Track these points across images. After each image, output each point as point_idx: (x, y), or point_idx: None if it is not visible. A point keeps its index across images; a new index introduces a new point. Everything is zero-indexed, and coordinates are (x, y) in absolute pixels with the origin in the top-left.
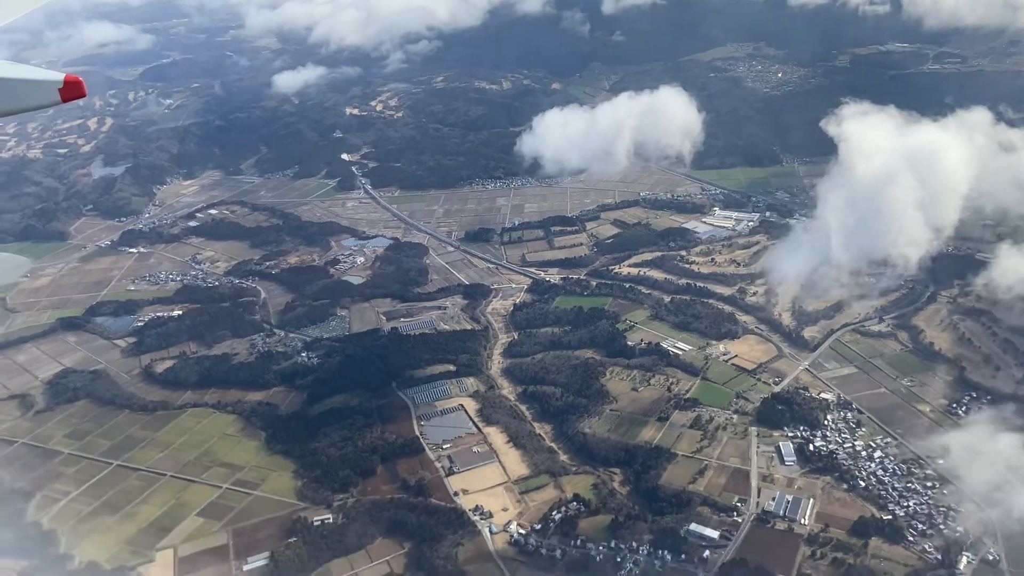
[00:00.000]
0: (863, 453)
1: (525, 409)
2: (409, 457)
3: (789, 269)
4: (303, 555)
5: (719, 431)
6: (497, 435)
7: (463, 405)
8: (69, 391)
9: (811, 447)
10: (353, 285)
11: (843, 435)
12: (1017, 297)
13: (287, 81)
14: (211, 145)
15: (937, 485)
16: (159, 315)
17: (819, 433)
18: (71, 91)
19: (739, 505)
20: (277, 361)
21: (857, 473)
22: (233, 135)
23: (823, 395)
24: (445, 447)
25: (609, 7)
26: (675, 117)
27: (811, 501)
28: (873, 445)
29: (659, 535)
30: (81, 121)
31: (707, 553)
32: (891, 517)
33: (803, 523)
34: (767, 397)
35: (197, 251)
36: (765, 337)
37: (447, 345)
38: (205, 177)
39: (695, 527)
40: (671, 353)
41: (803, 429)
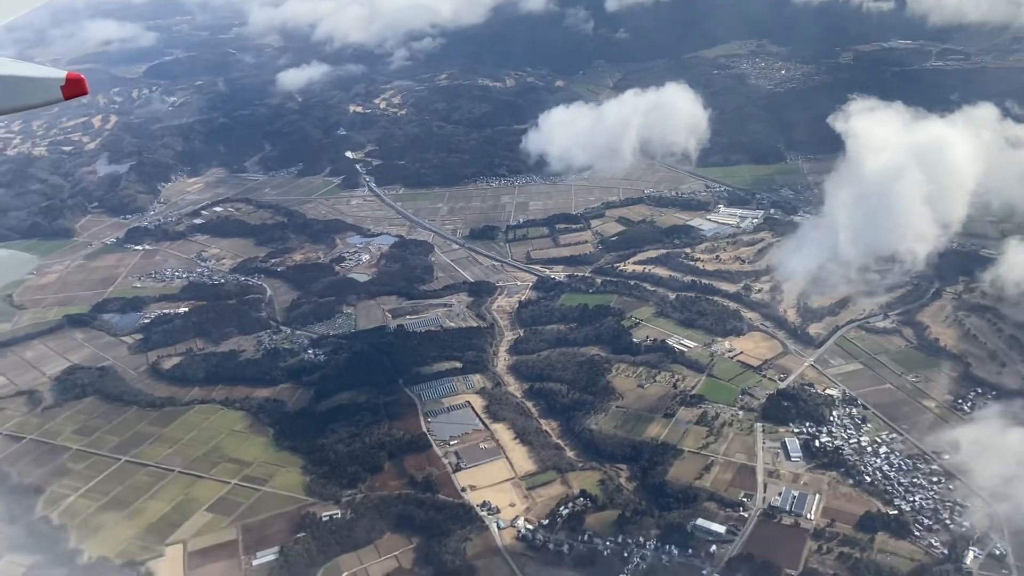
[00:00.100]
0: (869, 449)
1: (531, 406)
2: (416, 453)
3: (796, 265)
4: (312, 550)
5: (725, 427)
6: (504, 431)
7: (470, 402)
8: (77, 387)
9: (817, 443)
10: (359, 282)
11: (849, 431)
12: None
13: (291, 79)
14: (215, 142)
15: (943, 480)
16: (165, 312)
17: (825, 429)
18: (73, 88)
19: (745, 500)
20: (284, 358)
21: (863, 468)
22: (237, 133)
23: (828, 391)
24: (452, 443)
25: (613, 4)
26: (680, 114)
27: (817, 496)
28: (879, 441)
29: (666, 530)
30: (85, 119)
31: (714, 548)
32: (897, 512)
33: (809, 518)
34: (772, 393)
35: (202, 248)
36: (770, 334)
37: (453, 342)
38: (210, 174)
39: (702, 522)
40: (677, 350)
41: (809, 425)
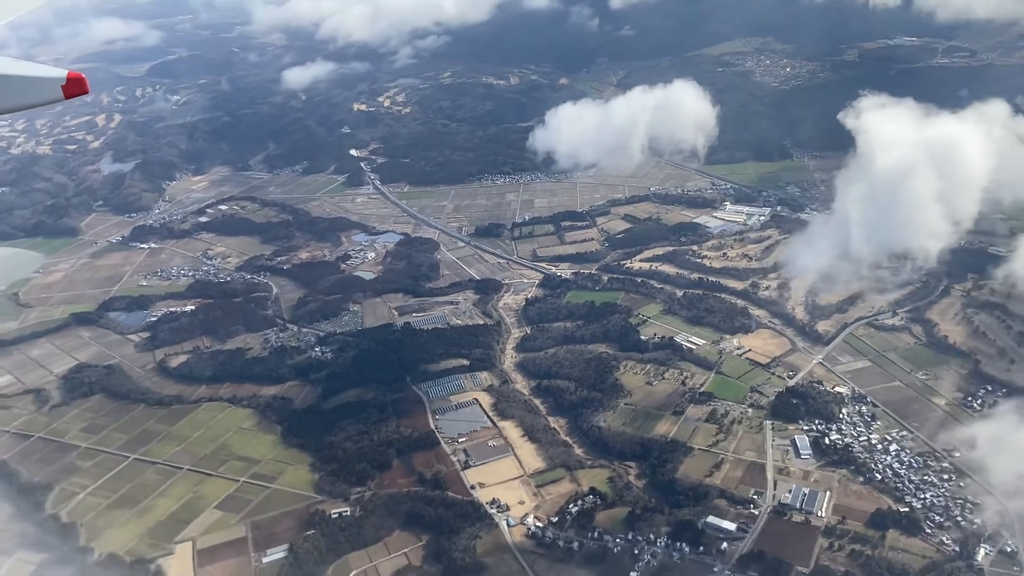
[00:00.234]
0: (879, 446)
1: (539, 403)
2: (425, 451)
3: (807, 262)
4: (321, 547)
5: (734, 425)
6: (512, 429)
7: (477, 399)
8: (84, 386)
9: (826, 440)
10: (364, 280)
11: (858, 428)
12: None
13: (295, 77)
14: (219, 141)
15: (954, 477)
16: (172, 310)
17: (834, 426)
18: (74, 88)
19: (756, 498)
20: (291, 356)
21: (873, 466)
22: (241, 131)
23: (837, 389)
24: (460, 441)
25: (617, 2)
26: (687, 111)
27: (828, 494)
28: (889, 438)
29: (677, 527)
30: (89, 117)
31: (725, 545)
32: (908, 509)
33: (820, 515)
34: (782, 391)
35: (208, 247)
36: (778, 331)
37: (460, 340)
38: (214, 173)
39: (712, 519)
40: (685, 347)
41: (818, 422)
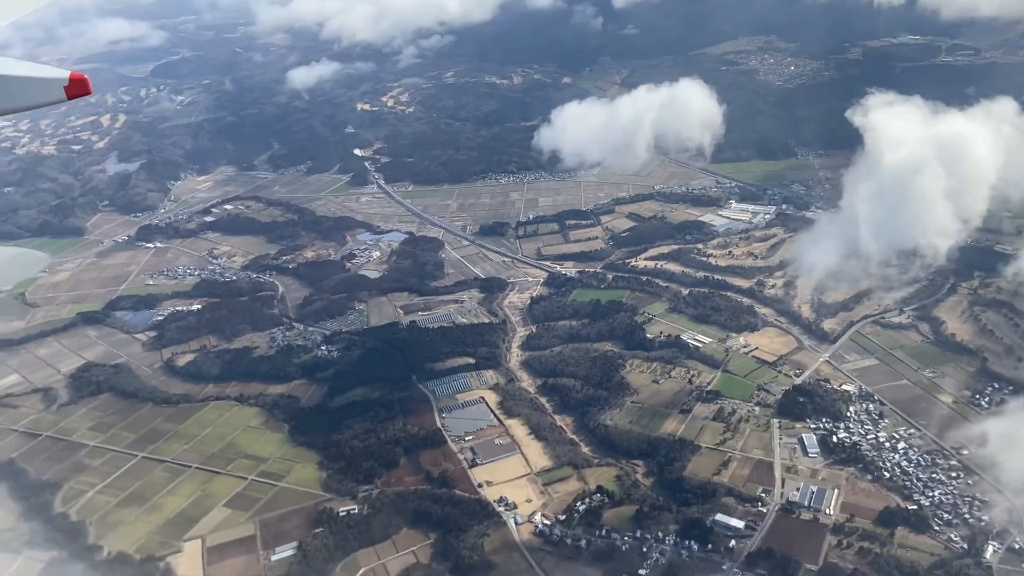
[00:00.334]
0: (887, 444)
1: (545, 401)
2: (432, 449)
3: (813, 260)
4: (330, 545)
5: (742, 423)
6: (519, 427)
7: (483, 397)
8: (92, 384)
9: (834, 439)
10: (370, 279)
11: (866, 426)
12: None
13: (299, 77)
14: (224, 141)
15: (962, 475)
16: (178, 309)
17: (842, 425)
18: (76, 88)
19: (764, 496)
20: (297, 354)
21: (881, 464)
22: (245, 131)
23: (845, 387)
24: (467, 439)
25: (620, 1)
26: (691, 110)
27: (836, 492)
28: (896, 436)
29: (685, 525)
30: (94, 118)
31: (733, 543)
32: (916, 507)
33: (828, 513)
34: (789, 389)
35: (214, 246)
36: (785, 329)
37: (466, 338)
38: (219, 172)
39: (721, 517)
40: (691, 346)
41: (825, 421)
